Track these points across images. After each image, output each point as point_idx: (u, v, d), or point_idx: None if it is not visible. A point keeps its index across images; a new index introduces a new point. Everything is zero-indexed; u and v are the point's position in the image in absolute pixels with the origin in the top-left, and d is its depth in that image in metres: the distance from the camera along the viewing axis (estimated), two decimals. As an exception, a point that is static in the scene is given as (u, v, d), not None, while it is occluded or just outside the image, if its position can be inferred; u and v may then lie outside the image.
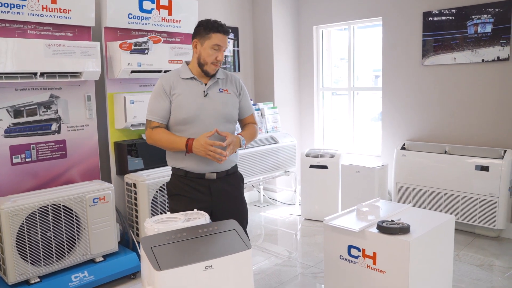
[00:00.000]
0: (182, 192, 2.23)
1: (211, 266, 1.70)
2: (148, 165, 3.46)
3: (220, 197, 2.24)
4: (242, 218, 2.29)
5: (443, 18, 3.91)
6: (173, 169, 2.28)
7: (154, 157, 3.49)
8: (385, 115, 4.42)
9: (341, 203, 4.19)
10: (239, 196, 2.35)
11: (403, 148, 4.11)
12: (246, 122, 2.40)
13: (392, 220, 2.36)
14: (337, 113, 5.20)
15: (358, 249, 2.37)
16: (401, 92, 4.27)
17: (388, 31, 4.28)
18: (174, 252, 1.71)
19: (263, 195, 5.03)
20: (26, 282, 2.69)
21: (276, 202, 4.98)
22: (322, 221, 4.19)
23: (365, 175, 3.98)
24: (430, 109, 4.10)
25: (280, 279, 3.13)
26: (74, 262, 2.87)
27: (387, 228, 2.25)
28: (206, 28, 2.17)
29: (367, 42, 4.80)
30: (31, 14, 2.83)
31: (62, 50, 2.86)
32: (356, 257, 2.38)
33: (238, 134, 2.27)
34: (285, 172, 4.47)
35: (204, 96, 2.20)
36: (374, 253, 2.30)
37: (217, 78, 2.27)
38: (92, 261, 2.99)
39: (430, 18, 3.98)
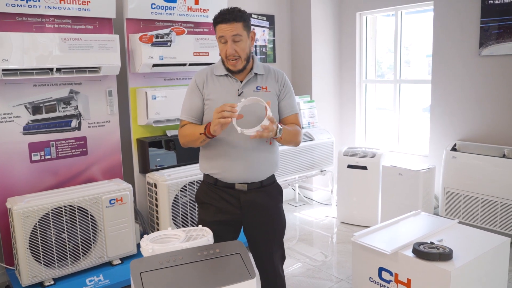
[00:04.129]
0: (210, 201, 2.02)
1: (206, 298, 1.48)
2: (172, 163, 3.30)
3: (251, 210, 2.00)
4: (275, 234, 2.07)
5: (507, 0, 3.39)
6: (204, 175, 2.08)
7: (180, 154, 3.33)
8: (434, 111, 3.97)
9: (381, 208, 3.83)
10: (275, 210, 2.07)
11: (453, 149, 3.66)
12: (288, 123, 2.04)
13: (431, 242, 2.03)
14: (382, 104, 4.79)
15: (391, 273, 2.07)
16: (453, 85, 3.80)
17: (440, 17, 3.81)
18: (165, 280, 1.50)
19: (299, 194, 4.76)
20: (41, 284, 2.63)
21: (312, 202, 4.70)
22: (360, 226, 3.92)
23: (408, 179, 3.59)
24: (487, 106, 3.61)
25: (306, 292, 2.88)
26: (90, 264, 2.78)
27: (425, 253, 1.93)
28: (213, 21, 1.93)
29: (417, 29, 4.34)
30: (48, 7, 2.71)
31: (78, 44, 2.72)
32: (388, 282, 2.09)
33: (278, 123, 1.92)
34: (321, 171, 4.16)
35: (238, 95, 1.94)
36: (409, 280, 2.00)
37: (255, 74, 1.98)
38: (109, 264, 2.88)
39: (491, 1, 3.47)
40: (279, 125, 1.87)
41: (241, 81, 1.96)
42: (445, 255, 1.89)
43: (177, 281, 1.50)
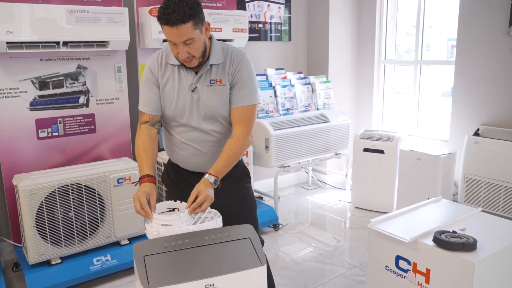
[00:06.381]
0: (175, 181, 1.93)
1: (213, 285, 1.39)
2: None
3: (215, 192, 1.77)
4: (245, 218, 1.86)
5: (541, -24, 3.16)
6: (169, 159, 1.99)
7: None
8: (457, 94, 3.78)
9: (397, 194, 3.70)
10: (242, 192, 1.93)
11: (476, 133, 3.49)
12: (232, 120, 1.81)
13: (453, 231, 1.90)
14: (401, 87, 4.61)
15: (408, 262, 1.96)
16: (479, 67, 3.60)
17: (468, -6, 3.59)
18: (170, 265, 1.41)
19: (312, 177, 4.64)
20: (48, 262, 2.59)
21: (326, 185, 4.58)
22: (374, 211, 3.80)
23: (427, 164, 3.45)
24: (514, 89, 3.42)
25: (318, 278, 2.79)
26: (97, 244, 2.73)
27: (447, 243, 1.81)
28: (157, 19, 1.63)
29: (441, 7, 4.12)
30: (54, -24, 2.61)
31: (86, 17, 2.62)
32: (405, 271, 1.98)
33: (207, 173, 1.70)
34: (336, 154, 4.03)
35: (192, 91, 1.76)
36: (428, 270, 1.88)
37: (211, 65, 1.75)
38: (117, 244, 2.83)
39: (523, -23, 3.24)
40: (209, 177, 1.68)
41: (196, 73, 1.76)
42: (468, 245, 1.77)
43: (182, 265, 1.41)
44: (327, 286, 2.70)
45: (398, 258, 2.00)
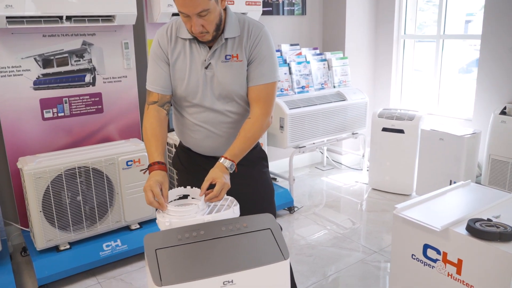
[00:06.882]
0: (187, 167, 1.80)
1: (232, 282, 1.26)
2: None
3: (231, 178, 1.62)
4: (262, 204, 1.75)
5: None
6: (180, 142, 1.85)
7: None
8: (483, 70, 3.56)
9: (418, 176, 3.54)
10: (259, 178, 1.79)
11: (503, 112, 3.30)
12: (249, 100, 1.65)
13: (488, 219, 1.76)
14: (420, 64, 4.39)
15: (438, 252, 1.83)
16: (506, 40, 3.37)
17: (498, -39, 3.34)
18: (183, 259, 1.29)
19: (327, 157, 4.50)
20: (56, 248, 2.51)
21: (341, 166, 4.44)
22: (393, 193, 3.66)
23: (450, 144, 3.28)
24: (546, 64, 3.20)
25: (336, 264, 2.67)
26: (106, 229, 2.63)
27: (482, 232, 1.67)
28: None
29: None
30: None
31: (90, -12, 2.45)
32: (434, 261, 1.85)
33: (222, 157, 1.56)
34: (353, 134, 3.87)
35: (205, 68, 1.60)
36: (460, 261, 1.75)
37: (226, 39, 1.59)
38: (127, 228, 2.74)
39: None
40: (224, 161, 1.54)
41: (210, 47, 1.59)
42: (506, 235, 1.63)
43: (197, 260, 1.29)
44: (347, 273, 2.59)
45: (426, 246, 1.87)
